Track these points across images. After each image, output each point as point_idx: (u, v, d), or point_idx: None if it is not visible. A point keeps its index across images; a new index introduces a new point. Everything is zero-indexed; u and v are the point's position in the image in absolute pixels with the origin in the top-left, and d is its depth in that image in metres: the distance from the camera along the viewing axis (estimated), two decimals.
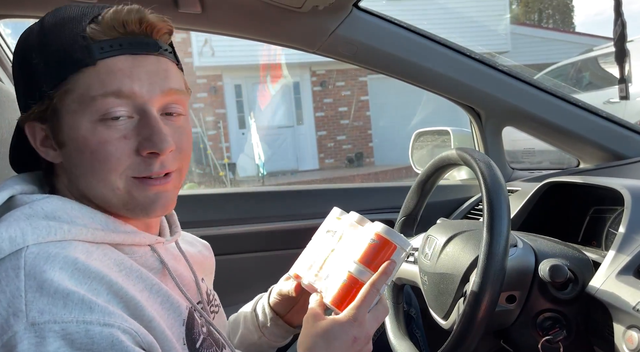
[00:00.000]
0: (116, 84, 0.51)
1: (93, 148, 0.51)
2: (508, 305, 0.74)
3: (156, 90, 0.53)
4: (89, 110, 0.51)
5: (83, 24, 0.52)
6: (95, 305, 0.45)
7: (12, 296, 0.44)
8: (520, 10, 18.53)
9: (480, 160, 0.74)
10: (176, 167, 0.56)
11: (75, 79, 0.51)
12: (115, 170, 0.52)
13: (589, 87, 4.98)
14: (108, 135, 0.51)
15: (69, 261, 0.47)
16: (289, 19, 1.11)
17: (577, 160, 1.35)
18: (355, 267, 0.63)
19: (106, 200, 0.54)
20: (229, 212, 1.32)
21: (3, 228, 0.47)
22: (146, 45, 0.53)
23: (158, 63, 0.54)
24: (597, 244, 0.92)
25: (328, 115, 9.96)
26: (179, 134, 0.56)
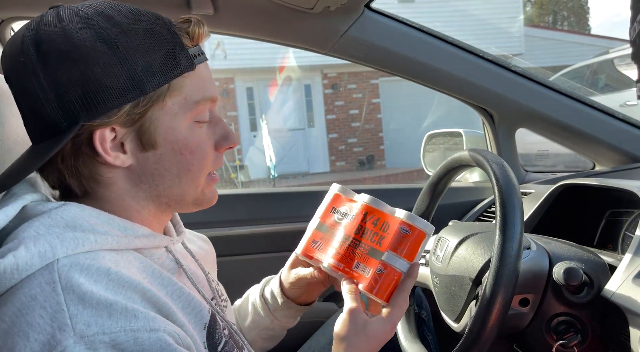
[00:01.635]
0: (210, 90, 0.56)
1: (193, 148, 0.55)
2: (521, 308, 0.73)
3: (217, 94, 0.59)
4: (189, 114, 0.54)
5: (172, 30, 0.54)
6: (139, 312, 0.46)
7: (53, 310, 0.43)
8: (534, 12, 18.36)
9: (492, 162, 0.73)
10: None
11: (178, 84, 0.53)
12: (206, 167, 0.58)
13: (605, 89, 4.91)
14: (202, 136, 0.57)
15: (102, 271, 0.47)
16: (301, 20, 1.11)
17: (592, 163, 1.33)
18: (392, 256, 0.63)
19: (182, 197, 0.58)
20: (239, 213, 1.32)
21: (31, 243, 0.46)
22: (204, 53, 0.58)
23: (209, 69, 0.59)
24: (613, 247, 0.91)
25: (339, 118, 9.96)
26: None
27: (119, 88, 0.50)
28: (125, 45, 0.50)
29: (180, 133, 0.54)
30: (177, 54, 0.53)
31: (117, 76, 0.50)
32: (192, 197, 0.58)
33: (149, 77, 0.51)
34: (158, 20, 0.54)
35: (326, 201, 0.73)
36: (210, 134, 0.58)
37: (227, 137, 0.59)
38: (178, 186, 0.56)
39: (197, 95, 0.55)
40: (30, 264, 0.46)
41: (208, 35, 0.58)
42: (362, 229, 0.66)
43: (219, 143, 0.59)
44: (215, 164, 0.60)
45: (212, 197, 0.61)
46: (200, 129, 0.56)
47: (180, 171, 0.56)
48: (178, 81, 0.53)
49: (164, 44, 0.52)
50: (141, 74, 0.51)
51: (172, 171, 0.55)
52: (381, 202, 0.67)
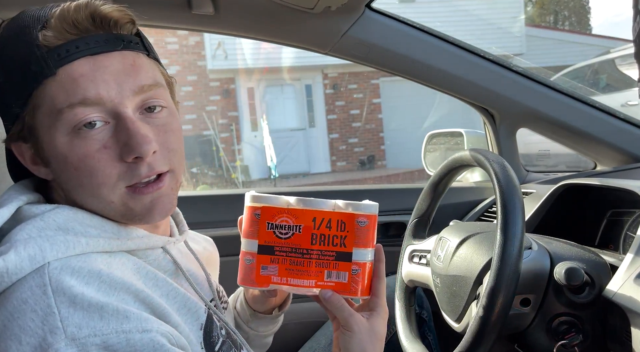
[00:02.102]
0: (80, 92, 0.47)
1: (76, 164, 0.49)
2: (522, 308, 0.72)
3: (126, 90, 0.49)
4: (60, 124, 0.48)
5: (35, 31, 0.47)
6: (130, 313, 0.45)
7: (44, 313, 0.43)
8: (535, 12, 18.35)
9: (493, 161, 0.73)
10: (167, 168, 0.53)
11: (40, 93, 0.48)
12: (104, 183, 0.49)
13: (606, 89, 4.90)
14: (86, 148, 0.48)
15: (93, 273, 0.46)
16: (301, 20, 1.11)
17: (593, 163, 1.33)
18: (356, 252, 0.59)
19: (104, 212, 0.52)
20: (240, 212, 1.32)
21: (21, 246, 0.46)
22: (105, 42, 0.49)
23: (123, 59, 0.50)
24: (615, 247, 0.90)
25: (340, 118, 9.96)
26: (163, 132, 0.52)
27: (2, 108, 0.51)
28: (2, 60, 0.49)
29: (57, 148, 0.49)
30: (31, 61, 0.47)
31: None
32: (114, 213, 0.52)
33: (12, 92, 0.49)
34: (33, 21, 0.48)
35: (251, 217, 0.60)
36: (112, 143, 0.49)
37: (128, 144, 0.48)
38: (86, 202, 0.51)
39: (62, 101, 0.47)
40: (20, 267, 0.45)
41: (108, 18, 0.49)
42: (317, 236, 0.59)
43: (122, 151, 0.49)
44: (127, 176, 0.50)
45: (146, 213, 0.52)
46: (84, 139, 0.48)
47: (77, 187, 0.50)
48: (39, 91, 0.48)
49: (23, 50, 0.47)
50: (5, 90, 0.49)
51: (70, 186, 0.51)
52: (316, 201, 0.60)
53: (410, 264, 0.95)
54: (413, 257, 0.95)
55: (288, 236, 0.59)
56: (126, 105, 0.49)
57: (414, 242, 0.96)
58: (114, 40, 0.50)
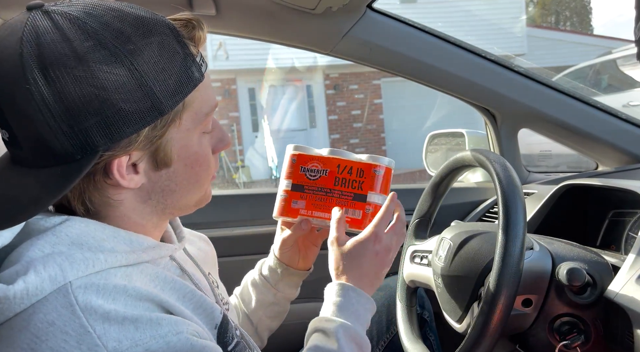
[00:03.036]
0: (214, 98, 0.55)
1: (202, 160, 0.55)
2: (524, 309, 0.72)
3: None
4: (200, 127, 0.53)
5: (180, 40, 0.50)
6: (162, 319, 0.47)
7: (77, 334, 0.43)
8: (536, 12, 18.33)
9: (495, 162, 0.73)
10: None
11: (191, 98, 0.51)
12: (211, 173, 0.58)
13: (608, 89, 4.90)
14: (207, 146, 0.56)
15: (118, 289, 0.47)
16: (303, 20, 1.11)
17: (595, 164, 1.32)
18: (370, 195, 0.73)
19: (187, 205, 0.58)
20: (241, 213, 1.32)
21: (40, 266, 0.45)
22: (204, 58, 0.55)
23: None
24: (617, 248, 0.90)
25: (341, 119, 9.96)
26: None
27: (137, 112, 0.46)
28: (141, 65, 0.46)
29: (191, 148, 0.54)
30: (189, 67, 0.50)
31: (135, 100, 0.46)
32: (195, 200, 0.59)
33: (167, 96, 0.48)
34: (165, 28, 0.49)
35: (290, 162, 0.77)
36: (210, 142, 0.58)
37: (223, 139, 0.59)
38: (186, 197, 0.57)
39: (207, 107, 0.53)
40: (40, 288, 0.44)
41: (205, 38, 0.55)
42: (339, 180, 0.74)
43: (216, 146, 0.58)
44: (216, 166, 0.60)
45: (209, 195, 0.62)
46: (206, 139, 0.56)
47: (190, 183, 0.56)
48: (191, 96, 0.50)
49: (176, 57, 0.49)
50: (159, 94, 0.47)
51: (183, 185, 0.55)
52: (345, 152, 0.76)
53: (411, 264, 0.95)
54: (414, 257, 0.95)
55: (316, 178, 0.75)
56: None
57: (416, 243, 0.96)
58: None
